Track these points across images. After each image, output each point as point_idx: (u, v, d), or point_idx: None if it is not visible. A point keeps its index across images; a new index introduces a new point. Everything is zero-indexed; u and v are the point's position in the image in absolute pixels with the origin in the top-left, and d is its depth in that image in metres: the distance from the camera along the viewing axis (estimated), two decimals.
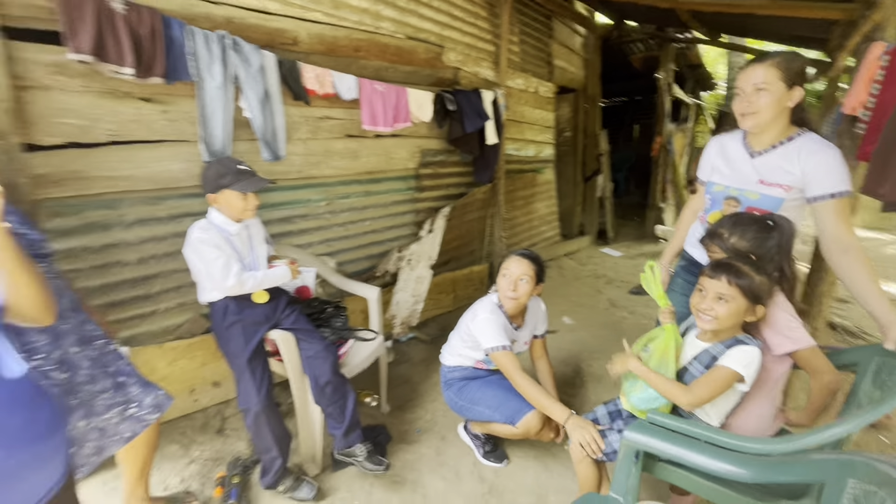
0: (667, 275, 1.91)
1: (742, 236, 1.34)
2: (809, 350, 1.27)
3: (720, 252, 1.39)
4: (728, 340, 1.30)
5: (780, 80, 1.38)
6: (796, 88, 1.40)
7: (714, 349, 1.31)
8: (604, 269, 5.03)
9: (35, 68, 1.57)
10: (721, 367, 1.25)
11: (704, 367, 1.31)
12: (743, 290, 1.23)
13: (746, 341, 1.26)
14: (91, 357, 1.29)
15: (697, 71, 7.05)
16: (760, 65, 1.40)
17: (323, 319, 2.07)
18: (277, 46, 2.23)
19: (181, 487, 1.80)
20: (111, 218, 1.86)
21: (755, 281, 1.23)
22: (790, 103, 1.41)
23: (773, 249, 1.32)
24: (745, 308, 1.24)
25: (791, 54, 1.41)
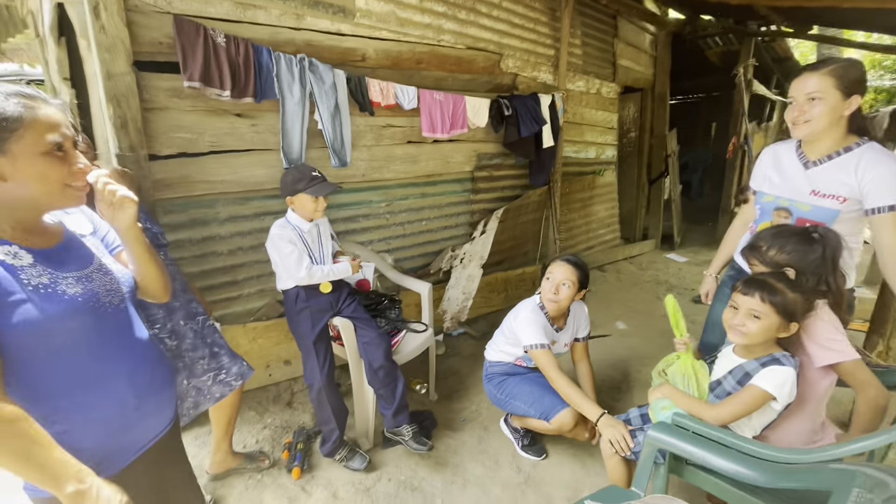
0: (713, 283, 1.88)
1: (781, 249, 1.33)
2: (852, 363, 1.24)
3: (760, 265, 1.39)
4: (764, 357, 1.29)
5: (836, 88, 1.35)
6: (854, 97, 1.36)
7: (748, 365, 1.31)
8: (666, 275, 4.85)
9: (157, 93, 1.92)
10: (752, 387, 1.26)
11: (737, 382, 1.32)
12: (776, 307, 1.23)
13: (783, 361, 1.26)
14: (194, 329, 1.59)
15: (786, 64, 6.47)
16: (814, 73, 1.37)
17: (379, 310, 2.28)
18: (348, 63, 2.49)
19: (256, 447, 2.11)
20: (209, 215, 2.21)
21: (789, 298, 1.23)
22: (847, 112, 1.37)
23: (816, 262, 1.30)
24: (778, 325, 1.24)
25: (848, 62, 1.37)
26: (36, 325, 0.79)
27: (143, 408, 0.97)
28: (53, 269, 0.84)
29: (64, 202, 0.85)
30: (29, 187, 0.80)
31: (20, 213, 0.83)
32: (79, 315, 0.85)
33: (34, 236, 0.86)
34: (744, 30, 5.15)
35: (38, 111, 0.79)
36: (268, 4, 2.15)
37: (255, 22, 2.13)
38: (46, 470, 0.75)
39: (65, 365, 0.84)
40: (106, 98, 1.70)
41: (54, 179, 0.81)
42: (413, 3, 2.71)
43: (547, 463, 2.06)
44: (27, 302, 0.78)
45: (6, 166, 0.77)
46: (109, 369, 0.91)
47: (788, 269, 1.33)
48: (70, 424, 0.84)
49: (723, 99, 8.26)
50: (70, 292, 0.84)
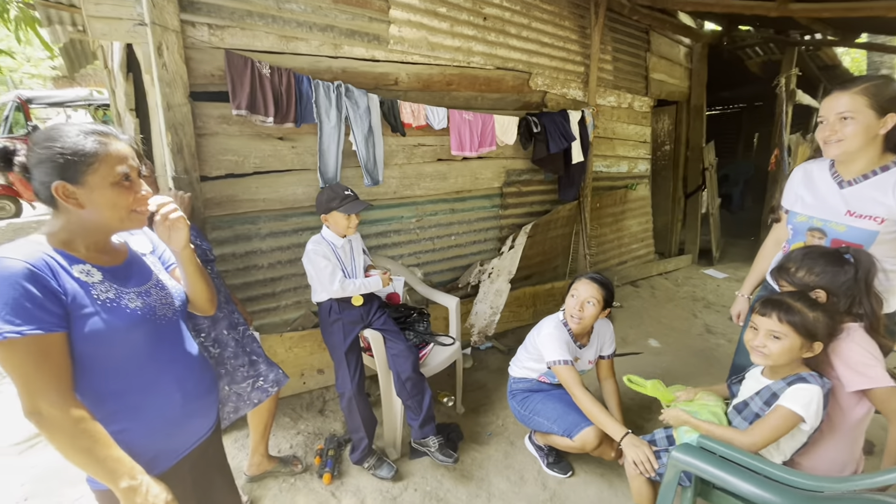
0: (745, 304, 1.84)
1: (810, 270, 1.31)
2: (887, 390, 1.19)
3: (789, 287, 1.36)
4: (790, 377, 1.27)
5: (869, 107, 1.32)
6: (890, 116, 1.32)
7: (775, 386, 1.29)
8: (703, 292, 4.69)
9: (209, 120, 2.11)
10: (780, 408, 1.24)
11: (764, 402, 1.30)
12: (795, 326, 1.21)
13: (809, 379, 1.23)
14: (236, 338, 1.71)
15: (833, 72, 6.18)
16: (845, 93, 1.35)
17: (408, 323, 2.36)
18: (381, 87, 2.62)
19: (290, 452, 2.21)
20: (251, 231, 2.37)
21: (808, 317, 1.21)
22: (882, 131, 1.34)
23: (848, 283, 1.27)
24: (800, 345, 1.22)
25: (882, 81, 1.34)
26: (102, 335, 0.89)
27: (190, 411, 1.06)
28: (118, 285, 0.95)
29: (129, 225, 0.96)
30: (102, 213, 0.91)
31: (93, 235, 0.95)
32: (138, 326, 0.95)
33: (103, 255, 0.97)
34: (785, 39, 4.98)
35: (110, 147, 0.90)
36: (308, 36, 2.32)
37: (296, 52, 2.30)
38: (105, 465, 0.85)
39: (123, 371, 0.94)
40: (165, 126, 1.89)
41: (122, 206, 0.92)
42: (444, 27, 2.83)
43: (573, 481, 2.05)
44: (96, 315, 0.89)
45: (83, 195, 0.88)
46: (161, 375, 1.00)
47: (819, 290, 1.30)
48: (126, 425, 0.93)
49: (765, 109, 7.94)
50: (132, 306, 0.95)
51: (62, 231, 0.91)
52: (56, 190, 0.86)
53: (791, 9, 3.03)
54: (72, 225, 0.91)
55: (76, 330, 0.87)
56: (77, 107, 7.63)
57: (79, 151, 0.86)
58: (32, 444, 2.31)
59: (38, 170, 0.87)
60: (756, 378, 1.38)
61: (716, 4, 3.43)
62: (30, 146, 0.88)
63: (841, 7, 2.83)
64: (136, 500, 0.87)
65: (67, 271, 0.88)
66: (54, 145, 0.85)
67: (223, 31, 2.07)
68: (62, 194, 0.86)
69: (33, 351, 0.80)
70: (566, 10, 3.56)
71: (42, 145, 0.86)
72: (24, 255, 0.83)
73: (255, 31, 2.16)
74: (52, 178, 0.86)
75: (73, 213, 0.90)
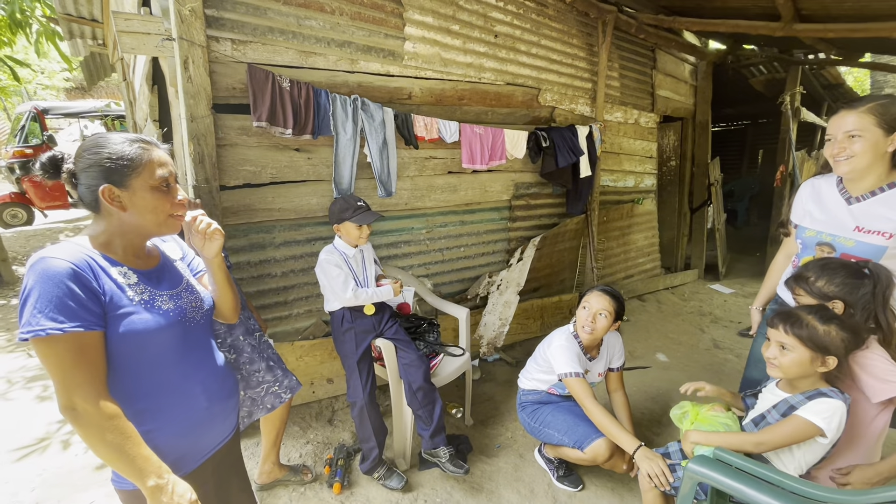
0: (759, 317, 1.85)
1: (830, 281, 1.32)
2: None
3: (806, 295, 1.38)
4: (810, 392, 1.28)
5: (876, 125, 1.35)
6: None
7: (793, 399, 1.30)
8: (710, 307, 4.68)
9: (229, 131, 2.16)
10: (796, 417, 1.24)
11: (781, 414, 1.30)
12: (802, 339, 1.22)
13: (830, 394, 1.24)
14: (252, 344, 1.74)
15: (837, 91, 6.25)
16: (852, 111, 1.38)
17: (418, 333, 2.37)
18: (396, 101, 2.69)
19: (300, 461, 2.21)
20: (266, 240, 2.41)
21: (818, 331, 1.22)
22: (890, 149, 1.37)
23: (866, 297, 1.28)
24: (810, 358, 1.23)
25: (888, 100, 1.37)
26: (136, 335, 0.93)
27: (214, 414, 1.09)
28: (152, 287, 0.99)
29: (166, 230, 1.01)
30: (142, 216, 0.96)
31: (131, 238, 0.99)
32: (170, 328, 0.99)
33: (139, 259, 1.02)
34: (789, 58, 5.06)
35: (152, 153, 0.96)
36: (326, 51, 2.39)
37: (314, 67, 2.36)
38: (134, 463, 0.87)
39: (154, 371, 0.97)
40: (188, 137, 1.94)
41: (162, 210, 0.97)
42: (456, 44, 2.91)
43: (584, 495, 2.04)
44: (132, 315, 0.92)
45: (127, 198, 0.93)
46: (188, 377, 1.03)
47: (837, 301, 1.32)
48: (154, 425, 0.96)
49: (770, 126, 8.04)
50: (164, 307, 0.99)
51: (103, 234, 0.96)
52: (103, 193, 0.91)
53: (796, 29, 3.09)
54: (113, 227, 0.96)
55: (112, 329, 0.90)
56: (93, 118, 7.79)
57: (124, 156, 0.92)
58: (32, 450, 2.33)
59: (85, 175, 0.92)
60: (773, 391, 1.39)
61: (721, 24, 3.50)
62: (78, 153, 0.93)
63: (845, 28, 2.89)
64: (163, 499, 0.89)
65: (107, 273, 0.92)
66: (102, 151, 0.91)
67: (246, 45, 2.14)
68: (108, 197, 0.91)
69: (73, 348, 0.83)
70: (574, 29, 3.65)
71: (91, 151, 0.92)
72: (69, 256, 0.87)
73: (276, 46, 2.23)
74: (98, 181, 0.91)
75: (114, 217, 0.95)
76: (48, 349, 0.82)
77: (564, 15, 3.54)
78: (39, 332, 0.80)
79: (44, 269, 0.83)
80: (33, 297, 0.82)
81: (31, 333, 0.80)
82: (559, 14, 3.50)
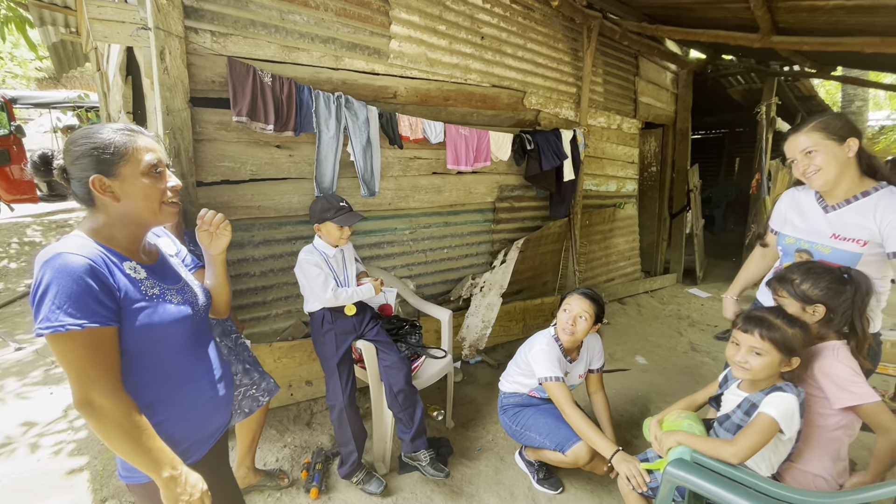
0: (734, 305, 1.87)
1: (815, 284, 1.35)
2: (875, 406, 1.24)
3: (788, 297, 1.40)
4: (768, 389, 1.32)
5: (826, 138, 1.43)
6: (850, 140, 1.42)
7: (754, 397, 1.34)
8: (688, 311, 4.78)
9: (207, 126, 2.10)
10: (761, 415, 1.27)
11: (744, 413, 1.34)
12: (776, 343, 1.26)
13: (785, 388, 1.28)
14: (228, 346, 1.69)
15: (810, 102, 6.46)
16: (800, 133, 1.47)
17: (400, 335, 2.35)
18: (381, 100, 2.65)
19: (276, 466, 2.16)
20: (245, 238, 2.34)
21: (788, 334, 1.26)
22: (850, 154, 1.43)
23: (846, 304, 1.32)
24: (780, 360, 1.27)
25: (828, 115, 1.46)
26: (151, 329, 0.94)
27: (218, 402, 1.10)
28: (160, 281, 1.00)
29: (163, 218, 0.99)
30: (136, 204, 0.94)
31: (132, 230, 0.98)
32: (182, 321, 1.00)
33: (143, 254, 1.01)
34: (766, 69, 5.22)
35: (137, 139, 0.95)
36: (310, 47, 2.34)
37: (297, 63, 2.32)
38: (150, 455, 0.88)
39: (165, 363, 0.98)
40: (164, 130, 1.88)
41: (154, 196, 0.95)
42: (443, 44, 2.89)
43: (563, 497, 2.04)
44: (146, 309, 0.93)
45: (118, 187, 0.92)
46: (196, 367, 1.05)
47: (819, 305, 1.35)
48: (166, 415, 0.97)
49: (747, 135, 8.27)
50: (175, 301, 1.00)
51: (104, 228, 0.95)
52: (93, 183, 0.90)
53: (773, 41, 3.18)
54: (112, 220, 0.95)
55: (127, 323, 0.90)
56: (65, 108, 7.50)
57: (111, 144, 0.90)
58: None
59: (74, 167, 0.91)
60: (734, 392, 1.43)
61: (702, 34, 3.58)
62: (65, 147, 0.92)
63: (819, 41, 2.99)
64: (177, 490, 0.91)
65: (119, 268, 0.92)
66: (89, 142, 0.90)
67: (226, 38, 2.08)
68: (99, 187, 0.90)
69: (89, 343, 0.84)
70: (560, 33, 3.68)
71: (78, 143, 0.90)
72: (84, 251, 0.87)
73: (258, 40, 2.18)
74: (88, 172, 0.90)
75: (110, 208, 0.94)
76: (66, 345, 0.83)
77: (550, 19, 3.57)
78: (59, 327, 0.80)
79: (61, 265, 0.83)
80: (51, 293, 0.81)
81: (50, 329, 0.80)
82: (545, 18, 3.52)
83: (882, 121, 11.93)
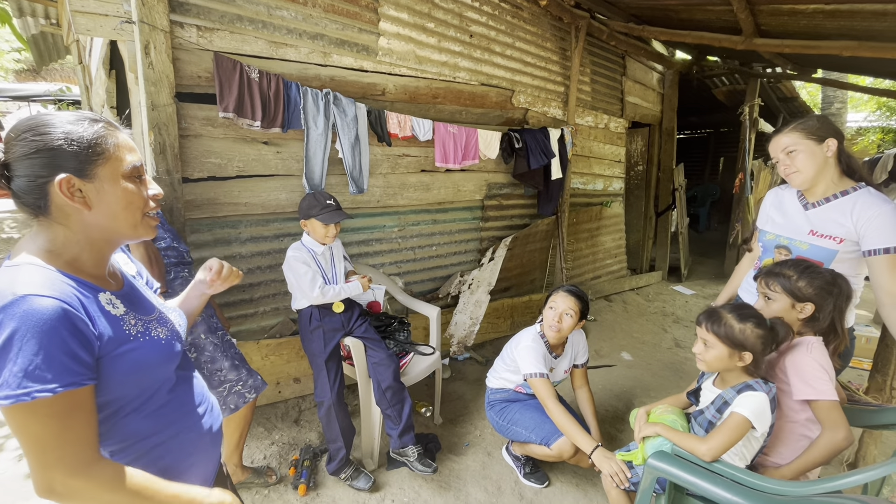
0: None
1: (810, 283, 1.39)
2: (829, 403, 1.29)
3: (781, 292, 1.42)
4: (738, 385, 1.37)
5: (805, 138, 1.49)
6: (829, 140, 1.47)
7: (726, 394, 1.38)
8: (672, 308, 4.87)
9: (193, 122, 2.08)
10: (733, 415, 1.31)
11: (716, 410, 1.39)
12: (719, 336, 1.33)
13: (755, 386, 1.32)
14: (214, 343, 1.68)
15: (792, 104, 6.60)
16: (780, 134, 1.54)
17: (389, 332, 2.35)
18: (369, 97, 2.65)
19: (264, 463, 2.15)
20: (231, 235, 2.33)
21: (734, 329, 1.32)
22: (829, 153, 1.48)
23: (830, 306, 1.37)
24: (728, 353, 1.33)
25: (807, 117, 1.52)
26: (142, 373, 0.78)
27: (213, 432, 0.98)
28: (137, 313, 0.82)
29: (142, 232, 0.81)
30: (114, 215, 0.76)
31: (100, 249, 0.78)
32: (171, 356, 0.85)
33: (111, 279, 0.82)
34: (749, 71, 5.31)
35: (118, 136, 0.77)
36: (298, 43, 2.33)
37: (285, 59, 2.30)
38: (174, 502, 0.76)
39: (161, 403, 0.84)
40: (149, 126, 1.85)
41: (137, 205, 0.78)
42: (431, 42, 2.90)
43: (549, 491, 2.08)
44: (133, 352, 0.77)
45: (92, 192, 0.73)
46: (189, 400, 0.91)
47: (809, 303, 1.39)
48: (171, 457, 0.85)
49: (731, 135, 8.43)
50: (161, 336, 0.84)
51: (65, 248, 0.74)
52: (60, 185, 0.69)
53: (755, 43, 3.25)
54: (75, 235, 0.74)
55: (112, 373, 0.73)
56: (45, 102, 7.33)
57: (84, 137, 0.71)
58: None
59: (24, 164, 0.69)
60: (709, 388, 1.48)
61: (688, 35, 3.64)
62: (11, 137, 0.70)
63: (800, 44, 3.06)
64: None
65: (96, 304, 0.74)
66: (52, 131, 0.70)
67: (212, 33, 2.06)
68: (67, 191, 0.70)
69: (60, 411, 0.66)
70: (548, 33, 3.70)
71: (34, 132, 0.69)
72: (54, 291, 0.67)
73: (245, 35, 2.16)
74: (49, 171, 0.69)
75: (73, 221, 0.73)
76: (30, 416, 0.64)
77: (539, 18, 3.59)
78: (23, 397, 0.62)
79: (26, 314, 0.64)
80: (13, 352, 0.63)
81: (11, 399, 0.62)
82: (534, 17, 3.54)
83: (860, 122, 12.23)
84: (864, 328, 3.60)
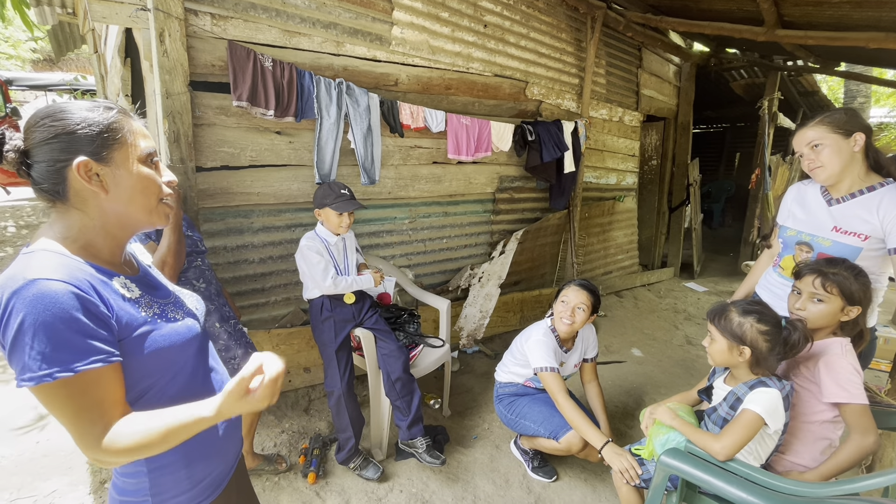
0: None
1: (863, 286, 1.35)
2: (861, 407, 1.25)
3: (835, 293, 1.35)
4: (751, 381, 1.34)
5: (831, 132, 1.43)
6: (857, 134, 1.42)
7: (738, 391, 1.36)
8: (684, 304, 4.81)
9: (207, 111, 2.08)
10: (746, 411, 1.29)
11: (729, 406, 1.36)
12: (720, 329, 1.36)
13: (768, 383, 1.30)
14: (228, 331, 1.69)
15: (812, 98, 6.44)
16: (808, 127, 1.48)
17: (399, 324, 2.36)
18: (382, 87, 2.63)
19: (274, 451, 2.18)
20: (244, 225, 2.34)
21: (733, 323, 1.34)
22: (856, 149, 1.43)
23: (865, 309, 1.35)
24: (728, 347, 1.34)
25: (834, 111, 1.46)
26: (162, 355, 0.78)
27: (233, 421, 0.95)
28: (153, 296, 0.83)
29: (156, 219, 0.82)
30: (130, 200, 0.77)
31: (115, 235, 0.79)
32: (190, 339, 0.84)
33: (126, 265, 0.83)
34: (769, 64, 5.18)
35: (132, 121, 0.79)
36: (311, 32, 2.31)
37: (298, 48, 2.29)
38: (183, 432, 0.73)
39: (182, 388, 0.83)
40: (163, 114, 1.86)
41: (153, 191, 0.79)
42: (445, 32, 2.86)
43: (557, 485, 2.07)
44: (152, 332, 0.77)
45: (109, 176, 0.74)
46: (209, 386, 0.90)
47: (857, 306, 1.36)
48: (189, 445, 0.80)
49: (748, 130, 8.24)
50: (178, 317, 0.84)
51: (81, 233, 0.75)
52: (78, 168, 0.70)
53: (777, 34, 3.15)
54: (91, 222, 0.75)
55: (133, 354, 0.74)
56: (61, 91, 7.42)
57: (100, 122, 0.73)
58: None
59: (43, 149, 0.71)
60: (721, 386, 1.45)
61: (707, 26, 3.55)
62: (30, 124, 0.72)
63: (825, 36, 2.97)
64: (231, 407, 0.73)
65: (110, 288, 0.74)
66: (69, 117, 0.72)
67: (226, 21, 2.05)
68: (85, 174, 0.71)
69: (83, 388, 0.68)
70: (564, 23, 3.64)
71: (53, 118, 0.71)
72: (63, 275, 0.68)
73: (259, 23, 2.15)
74: (68, 155, 0.70)
75: (91, 205, 0.74)
76: (55, 394, 0.67)
77: (554, 8, 3.53)
78: (45, 378, 0.65)
79: (36, 298, 0.65)
80: (28, 336, 0.65)
81: (34, 381, 0.65)
82: (549, 7, 3.48)
83: (883, 117, 11.91)
84: (883, 329, 3.52)
